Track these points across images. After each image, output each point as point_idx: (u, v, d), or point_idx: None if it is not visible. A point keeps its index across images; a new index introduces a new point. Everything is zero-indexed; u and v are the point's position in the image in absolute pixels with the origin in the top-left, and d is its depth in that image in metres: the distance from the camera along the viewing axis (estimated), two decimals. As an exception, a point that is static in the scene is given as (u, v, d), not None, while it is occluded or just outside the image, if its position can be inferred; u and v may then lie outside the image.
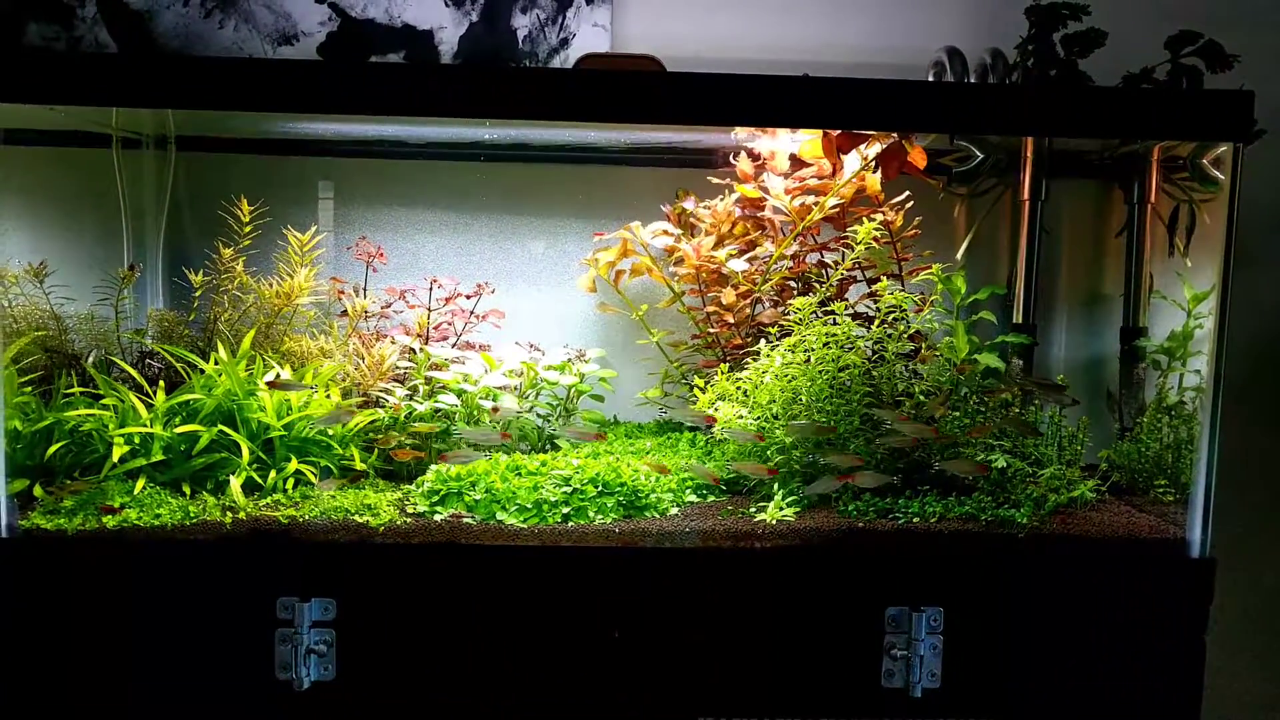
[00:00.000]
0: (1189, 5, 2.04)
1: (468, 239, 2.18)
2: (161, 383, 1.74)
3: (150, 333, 1.91)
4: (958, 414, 1.77)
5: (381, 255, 2.07)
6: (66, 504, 1.58)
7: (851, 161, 1.90)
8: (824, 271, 2.01)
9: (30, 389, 1.72)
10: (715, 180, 2.06)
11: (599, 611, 1.55)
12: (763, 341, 1.85)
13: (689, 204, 2.06)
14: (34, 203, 2.10)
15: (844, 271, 1.94)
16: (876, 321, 1.82)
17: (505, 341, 2.10)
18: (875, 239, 1.87)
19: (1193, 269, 2.06)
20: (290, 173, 2.12)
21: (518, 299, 2.17)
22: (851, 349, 1.78)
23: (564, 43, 2.14)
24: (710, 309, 2.04)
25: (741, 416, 1.79)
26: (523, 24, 2.13)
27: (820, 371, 1.76)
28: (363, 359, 1.92)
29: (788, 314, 1.85)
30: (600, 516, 1.64)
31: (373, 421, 1.82)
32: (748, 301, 2.00)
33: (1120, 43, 1.90)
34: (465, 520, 1.61)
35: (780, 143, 1.96)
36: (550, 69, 2.10)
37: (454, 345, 2.05)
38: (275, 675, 1.51)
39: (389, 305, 2.06)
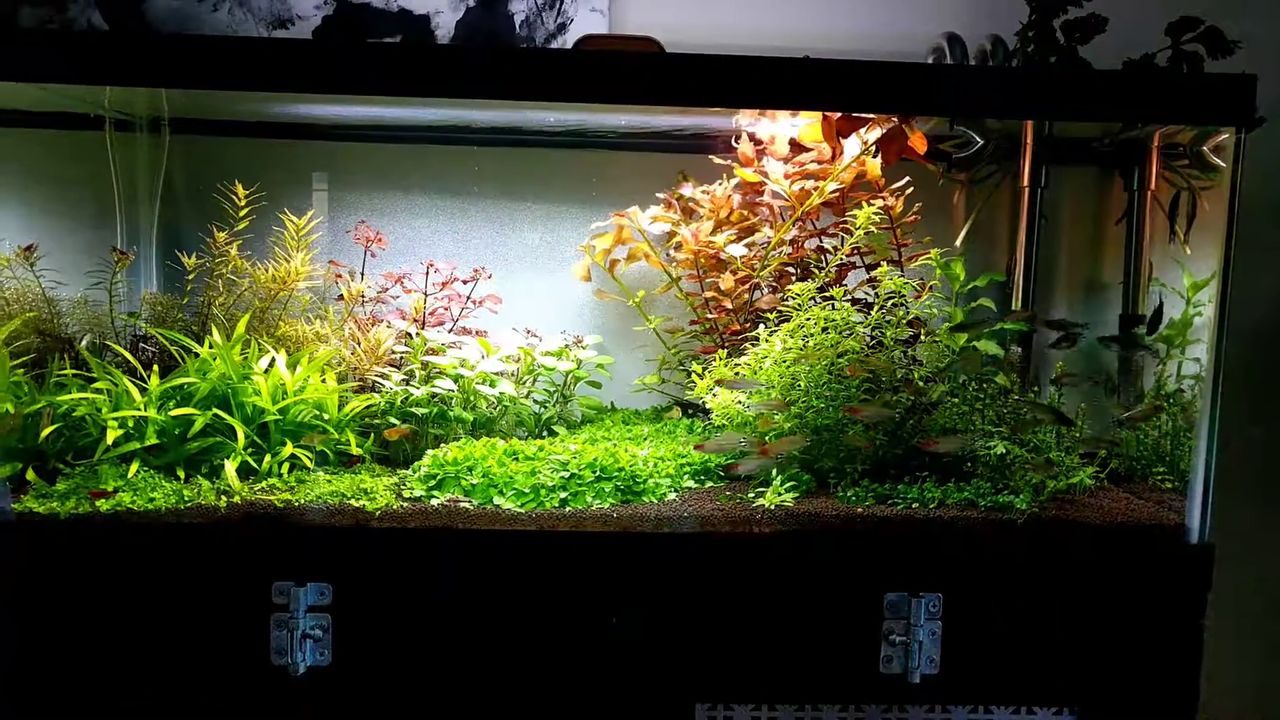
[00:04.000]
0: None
1: (464, 224, 2.16)
2: (155, 367, 1.73)
3: (144, 316, 1.89)
4: (956, 400, 1.76)
5: (381, 240, 2.06)
6: (59, 488, 1.57)
7: (851, 146, 1.89)
8: (823, 257, 2.00)
9: (23, 372, 1.71)
10: (717, 161, 2.04)
11: (597, 596, 1.54)
12: (761, 327, 1.84)
13: (687, 189, 2.05)
14: (26, 185, 2.08)
15: (843, 257, 1.94)
16: (875, 307, 1.81)
17: (502, 327, 2.09)
18: (874, 224, 1.86)
19: (1192, 257, 2.06)
20: (285, 156, 2.11)
21: (515, 284, 2.16)
22: (850, 335, 1.77)
23: (561, 28, 2.12)
24: (708, 295, 2.03)
25: (740, 402, 1.78)
26: (520, 8, 2.12)
27: (819, 357, 1.75)
28: (359, 343, 1.91)
29: (786, 299, 1.84)
30: (598, 501, 1.63)
31: (369, 406, 1.81)
32: (746, 287, 1.99)
33: (1121, 29, 1.89)
34: (462, 505, 1.60)
35: (780, 127, 1.95)
36: (550, 49, 2.08)
37: (450, 330, 2.04)
38: (271, 661, 1.50)
39: (385, 290, 2.04)
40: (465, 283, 2.05)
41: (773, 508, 1.62)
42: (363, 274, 2.05)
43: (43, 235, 1.96)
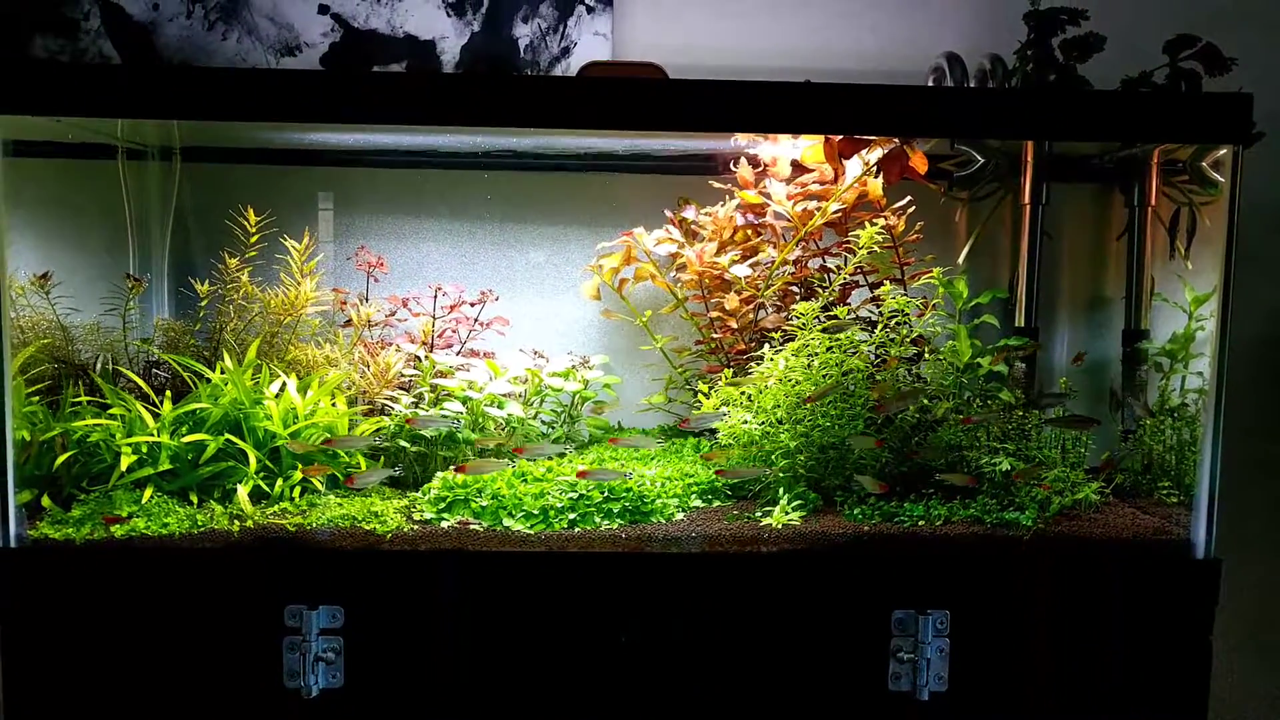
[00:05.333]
0: (1187, 9, 2.05)
1: (471, 247, 2.19)
2: (168, 392, 1.75)
3: (156, 342, 1.92)
4: (960, 417, 1.77)
5: (382, 264, 2.08)
6: (74, 514, 1.59)
7: (853, 167, 1.91)
8: (826, 276, 2.02)
9: (38, 399, 1.73)
10: (718, 185, 2.07)
11: (606, 617, 1.55)
12: (766, 346, 1.86)
13: (689, 213, 2.07)
14: (41, 214, 2.11)
15: (846, 276, 1.95)
16: (879, 326, 1.82)
17: (509, 348, 2.10)
18: (877, 244, 1.88)
19: (1193, 271, 2.07)
20: (294, 183, 2.13)
21: (522, 306, 2.18)
22: (855, 353, 1.79)
23: (565, 51, 2.15)
24: (714, 314, 2.04)
25: (746, 421, 1.79)
26: (524, 33, 2.14)
27: (824, 376, 1.77)
28: (368, 367, 1.93)
29: (790, 319, 1.86)
30: (606, 522, 1.64)
31: (379, 429, 1.83)
32: (751, 307, 2.01)
33: (1119, 47, 1.91)
34: (472, 527, 1.62)
35: (782, 148, 1.97)
36: (554, 77, 2.11)
37: (458, 353, 2.06)
38: (284, 683, 1.51)
39: (393, 314, 2.06)
40: (473, 305, 2.07)
41: (780, 527, 1.63)
42: (366, 298, 2.07)
43: (57, 263, 1.98)
